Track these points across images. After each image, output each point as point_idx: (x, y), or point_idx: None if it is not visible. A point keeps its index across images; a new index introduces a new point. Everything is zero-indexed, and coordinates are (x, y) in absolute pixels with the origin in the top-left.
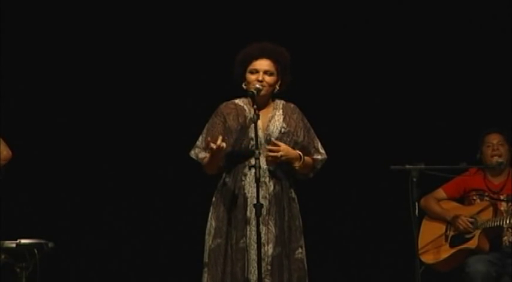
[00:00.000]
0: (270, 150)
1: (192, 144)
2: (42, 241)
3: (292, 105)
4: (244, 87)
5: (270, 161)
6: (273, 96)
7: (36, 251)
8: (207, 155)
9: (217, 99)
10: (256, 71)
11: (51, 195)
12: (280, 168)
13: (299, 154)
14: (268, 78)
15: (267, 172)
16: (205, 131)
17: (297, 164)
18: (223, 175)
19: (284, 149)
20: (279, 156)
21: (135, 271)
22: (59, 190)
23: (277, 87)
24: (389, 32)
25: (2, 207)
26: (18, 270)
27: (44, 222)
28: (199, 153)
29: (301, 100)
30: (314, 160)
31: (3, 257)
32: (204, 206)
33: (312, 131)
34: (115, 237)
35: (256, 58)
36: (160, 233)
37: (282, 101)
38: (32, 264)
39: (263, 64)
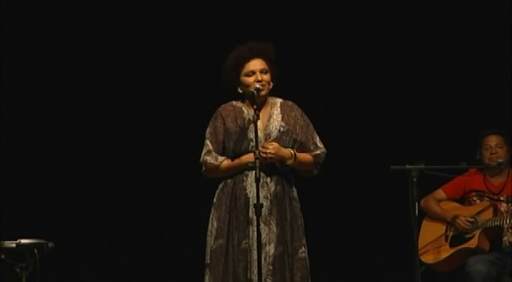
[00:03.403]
0: (262, 150)
1: (192, 145)
2: (42, 241)
3: (290, 102)
4: (240, 91)
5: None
6: (269, 93)
7: (36, 251)
8: (224, 158)
9: (216, 101)
10: (253, 73)
11: (51, 195)
12: (281, 168)
13: (291, 152)
14: (265, 77)
15: (268, 172)
16: (209, 135)
17: (288, 162)
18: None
19: (275, 148)
20: (267, 156)
21: (136, 272)
22: (59, 190)
23: (272, 84)
24: (390, 32)
25: (2, 207)
26: (18, 270)
27: (44, 222)
28: (218, 157)
29: (301, 100)
30: (314, 156)
31: (3, 257)
32: (206, 207)
33: (311, 126)
34: (115, 238)
35: (249, 60)
36: (162, 234)
37: (280, 99)
38: (32, 264)
39: (257, 64)
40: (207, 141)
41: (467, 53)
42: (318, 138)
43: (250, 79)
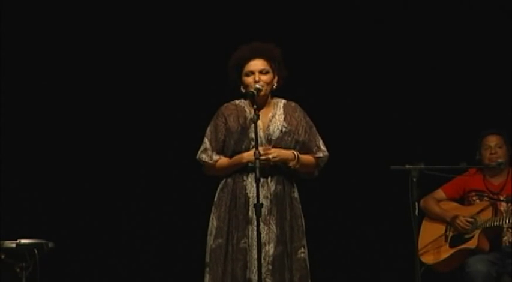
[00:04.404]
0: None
1: (193, 145)
2: (42, 241)
3: (293, 103)
4: (243, 90)
5: (262, 163)
6: (272, 94)
7: (36, 251)
8: (221, 157)
9: (218, 100)
10: (252, 73)
11: (51, 195)
12: (281, 168)
13: (293, 154)
14: (264, 78)
15: (268, 172)
16: (209, 133)
17: (291, 164)
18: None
19: (276, 150)
20: (271, 158)
21: (135, 271)
22: (59, 190)
23: (275, 84)
24: (390, 32)
25: (2, 207)
26: (18, 270)
27: (44, 222)
28: (213, 156)
29: (301, 100)
30: (316, 158)
31: (3, 257)
32: (206, 206)
33: (314, 128)
34: (115, 238)
35: (249, 60)
36: (162, 233)
37: (283, 100)
38: (32, 264)
39: (257, 64)
40: (206, 140)
41: (467, 53)
42: (321, 141)
43: (249, 79)
